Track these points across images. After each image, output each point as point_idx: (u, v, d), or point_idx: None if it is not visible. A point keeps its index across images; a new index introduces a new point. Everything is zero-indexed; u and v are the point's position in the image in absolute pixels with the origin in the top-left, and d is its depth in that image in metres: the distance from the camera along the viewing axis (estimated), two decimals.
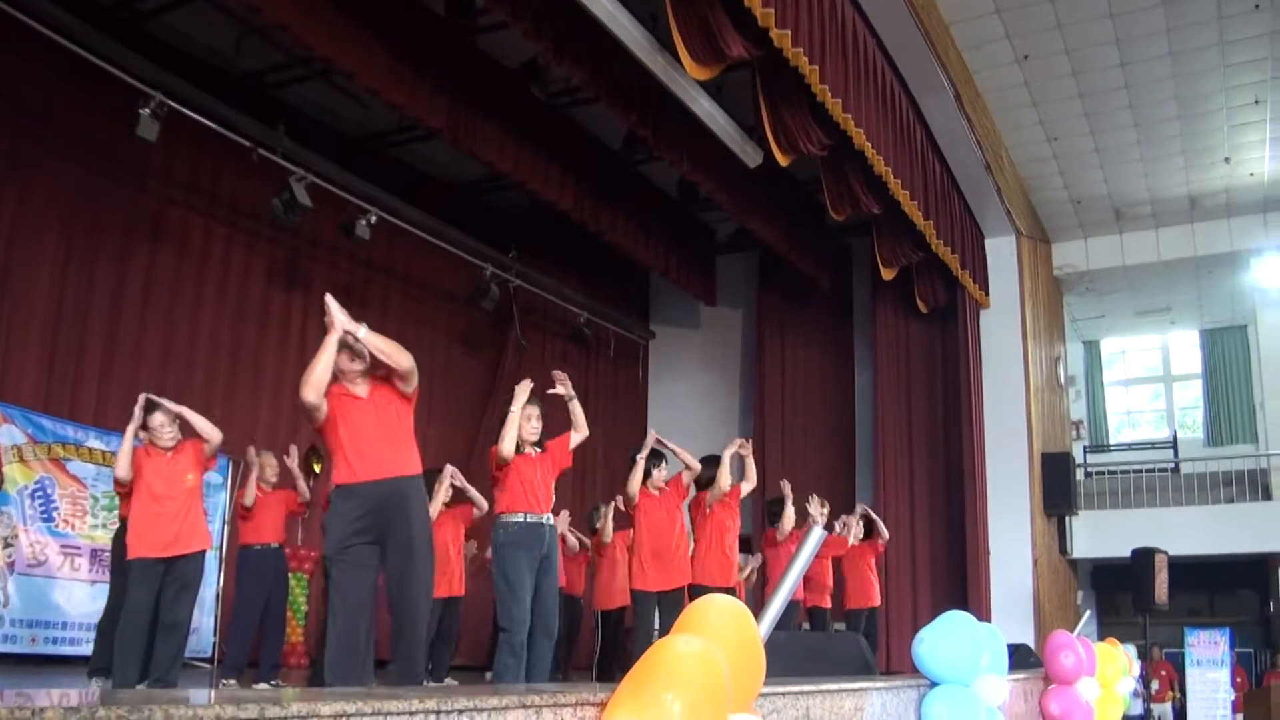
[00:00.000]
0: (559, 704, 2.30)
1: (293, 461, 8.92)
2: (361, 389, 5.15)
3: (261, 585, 8.61)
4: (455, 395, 14.02)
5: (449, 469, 8.85)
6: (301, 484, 8.96)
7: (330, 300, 5.03)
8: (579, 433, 6.87)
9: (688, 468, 8.49)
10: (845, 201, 11.16)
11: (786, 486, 10.12)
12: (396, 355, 5.11)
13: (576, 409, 6.91)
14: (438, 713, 2.03)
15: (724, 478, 8.49)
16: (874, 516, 11.61)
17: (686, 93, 10.19)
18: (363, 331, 5.02)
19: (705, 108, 10.59)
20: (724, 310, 17.16)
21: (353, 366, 5.10)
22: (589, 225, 13.23)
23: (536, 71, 11.04)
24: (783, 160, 10.00)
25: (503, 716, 2.16)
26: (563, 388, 6.92)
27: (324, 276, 12.74)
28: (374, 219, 11.72)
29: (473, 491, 9.02)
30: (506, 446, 6.44)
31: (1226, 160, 13.26)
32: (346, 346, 5.03)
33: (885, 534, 11.64)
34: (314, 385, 4.93)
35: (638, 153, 13.17)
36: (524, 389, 6.64)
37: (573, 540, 11.26)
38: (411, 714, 1.98)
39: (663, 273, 15.36)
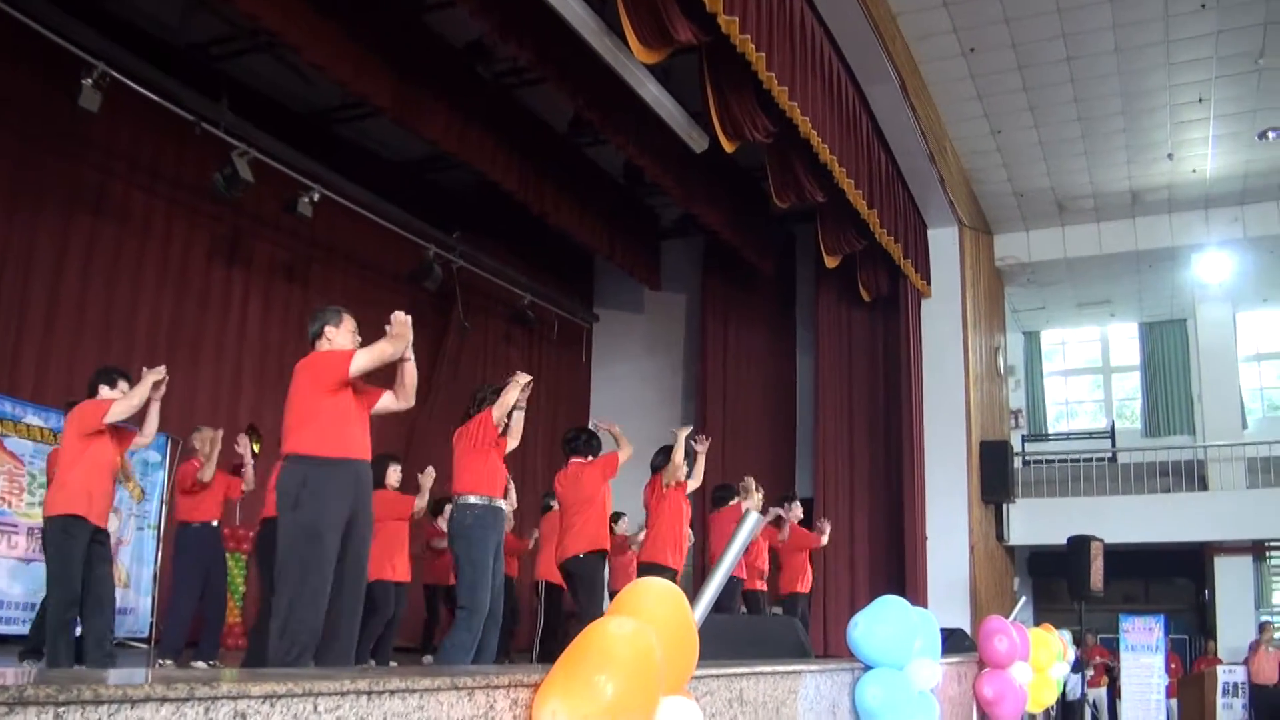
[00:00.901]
0: (492, 685, 2.29)
1: (243, 448, 8.83)
2: None
3: (201, 563, 8.52)
4: (395, 375, 13.91)
5: (430, 470, 9.12)
6: (249, 472, 8.87)
7: (404, 318, 5.44)
8: (512, 440, 7.07)
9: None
10: (790, 189, 11.19)
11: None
12: (412, 395, 5.64)
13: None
14: (369, 693, 2.02)
15: (679, 456, 8.54)
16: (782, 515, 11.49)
17: (634, 76, 10.16)
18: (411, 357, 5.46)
19: (652, 92, 10.57)
20: (668, 294, 17.18)
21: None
22: (534, 207, 13.19)
23: (482, 51, 10.99)
24: (728, 146, 10.01)
25: (435, 697, 2.16)
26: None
27: (265, 253, 12.65)
28: (316, 196, 11.62)
29: (426, 491, 9.20)
30: (499, 413, 6.71)
31: (1169, 156, 13.42)
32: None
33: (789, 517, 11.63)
34: (364, 366, 5.24)
35: (584, 135, 13.14)
36: (523, 379, 6.98)
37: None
38: (343, 694, 1.97)
39: (607, 256, 15.36)
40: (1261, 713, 13.50)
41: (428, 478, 9.05)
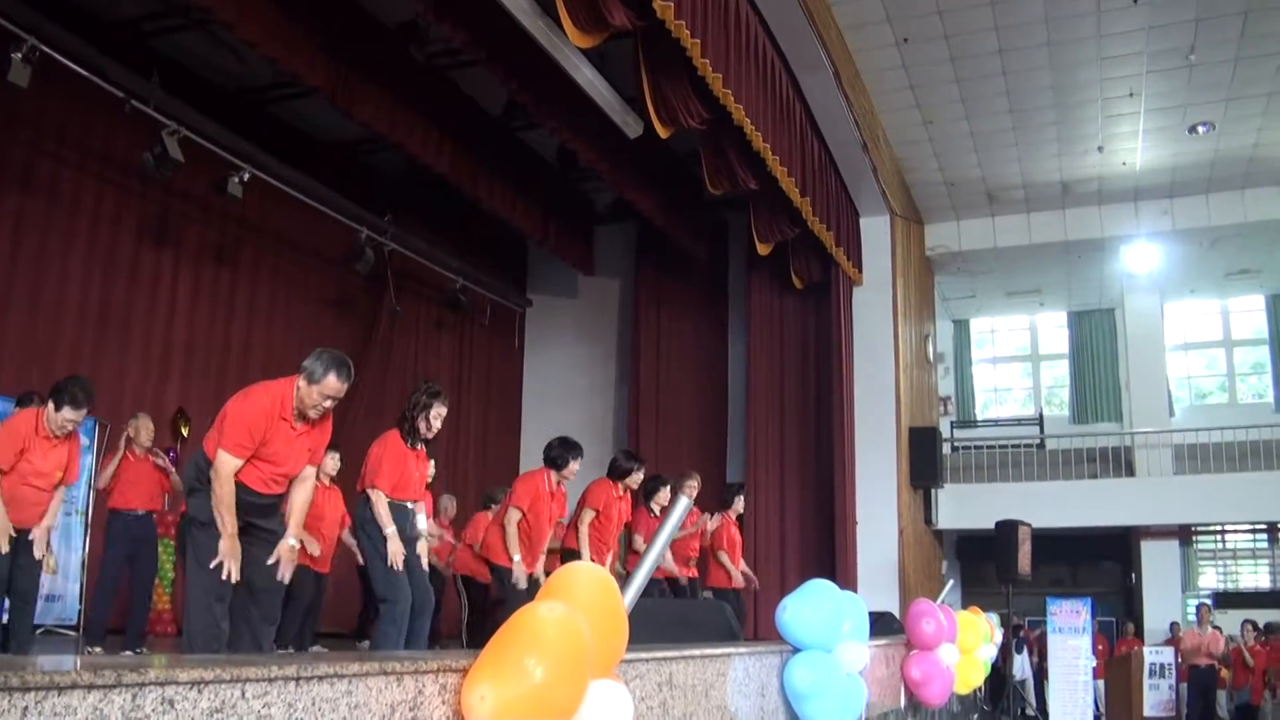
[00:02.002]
0: (421, 670, 2.30)
1: (164, 462, 8.69)
2: (299, 425, 5.13)
3: (124, 550, 8.41)
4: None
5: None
6: (175, 478, 8.73)
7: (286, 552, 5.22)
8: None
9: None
10: (723, 176, 11.22)
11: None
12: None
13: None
14: (298, 679, 2.02)
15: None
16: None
17: (568, 60, 10.13)
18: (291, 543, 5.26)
19: (587, 76, 10.55)
20: (601, 280, 17.17)
21: (309, 414, 5.11)
22: (466, 191, 13.12)
23: (416, 32, 10.91)
24: (663, 132, 10.01)
25: (364, 683, 2.16)
26: None
27: (195, 234, 12.48)
28: (247, 177, 11.47)
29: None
30: (381, 491, 6.43)
31: (1100, 149, 13.61)
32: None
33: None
34: (223, 484, 4.95)
35: (518, 119, 13.09)
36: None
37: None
38: (271, 680, 1.97)
39: (540, 241, 15.31)
40: (1195, 690, 13.79)
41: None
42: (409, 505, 6.56)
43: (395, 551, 6.26)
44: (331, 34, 10.43)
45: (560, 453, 7.94)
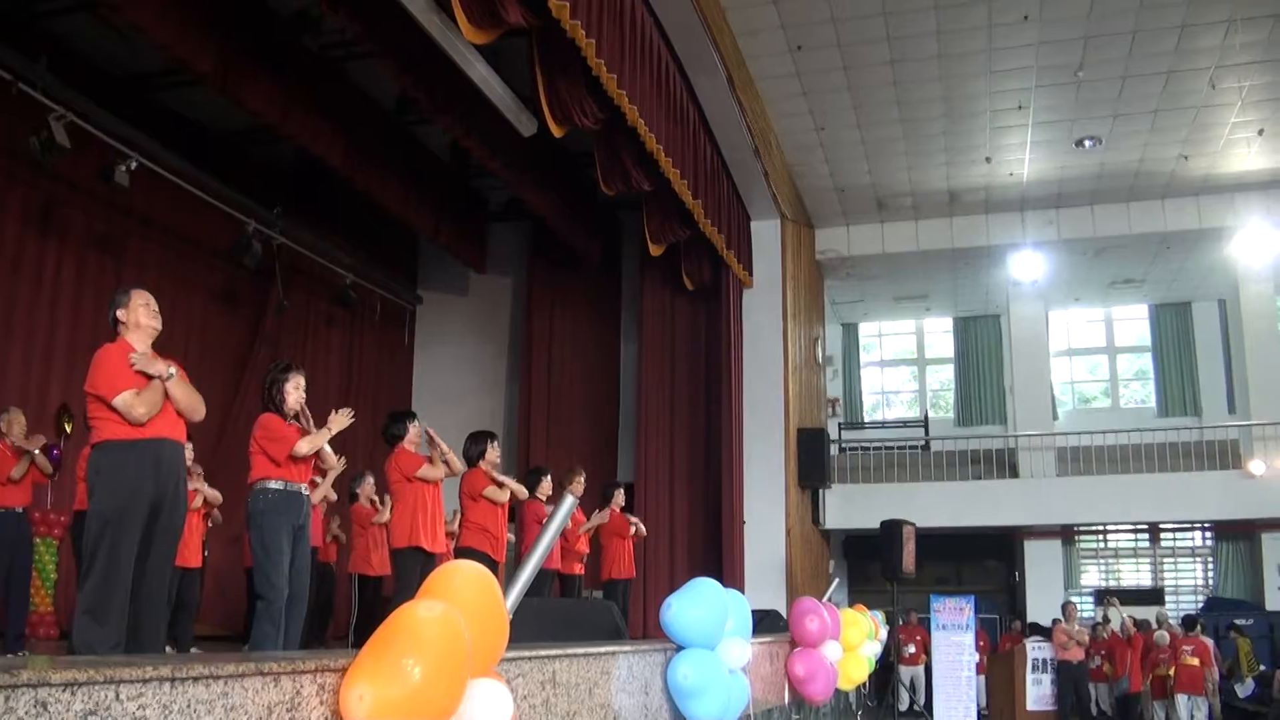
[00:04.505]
0: (298, 670, 2.29)
1: (41, 459, 8.48)
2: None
3: (2, 551, 8.19)
4: (212, 355, 13.53)
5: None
6: (42, 460, 8.50)
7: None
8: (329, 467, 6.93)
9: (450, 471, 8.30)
10: (616, 176, 11.25)
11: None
12: (197, 409, 5.36)
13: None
14: (172, 680, 2.01)
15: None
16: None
17: (462, 56, 10.07)
18: (173, 371, 5.19)
19: (481, 73, 10.49)
20: (494, 278, 17.12)
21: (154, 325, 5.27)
22: (357, 184, 12.96)
23: (310, 21, 10.79)
24: (557, 131, 9.99)
25: (240, 684, 2.15)
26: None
27: (80, 224, 12.18)
28: (134, 165, 11.23)
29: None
30: (304, 449, 6.31)
31: (988, 160, 13.90)
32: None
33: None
34: (140, 411, 4.99)
35: (410, 114, 12.98)
36: (343, 419, 6.58)
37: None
38: (145, 681, 1.95)
39: (432, 238, 15.20)
40: (1065, 685, 14.13)
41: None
42: (301, 490, 6.43)
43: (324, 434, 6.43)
44: (222, 21, 10.23)
45: (397, 427, 8.07)
